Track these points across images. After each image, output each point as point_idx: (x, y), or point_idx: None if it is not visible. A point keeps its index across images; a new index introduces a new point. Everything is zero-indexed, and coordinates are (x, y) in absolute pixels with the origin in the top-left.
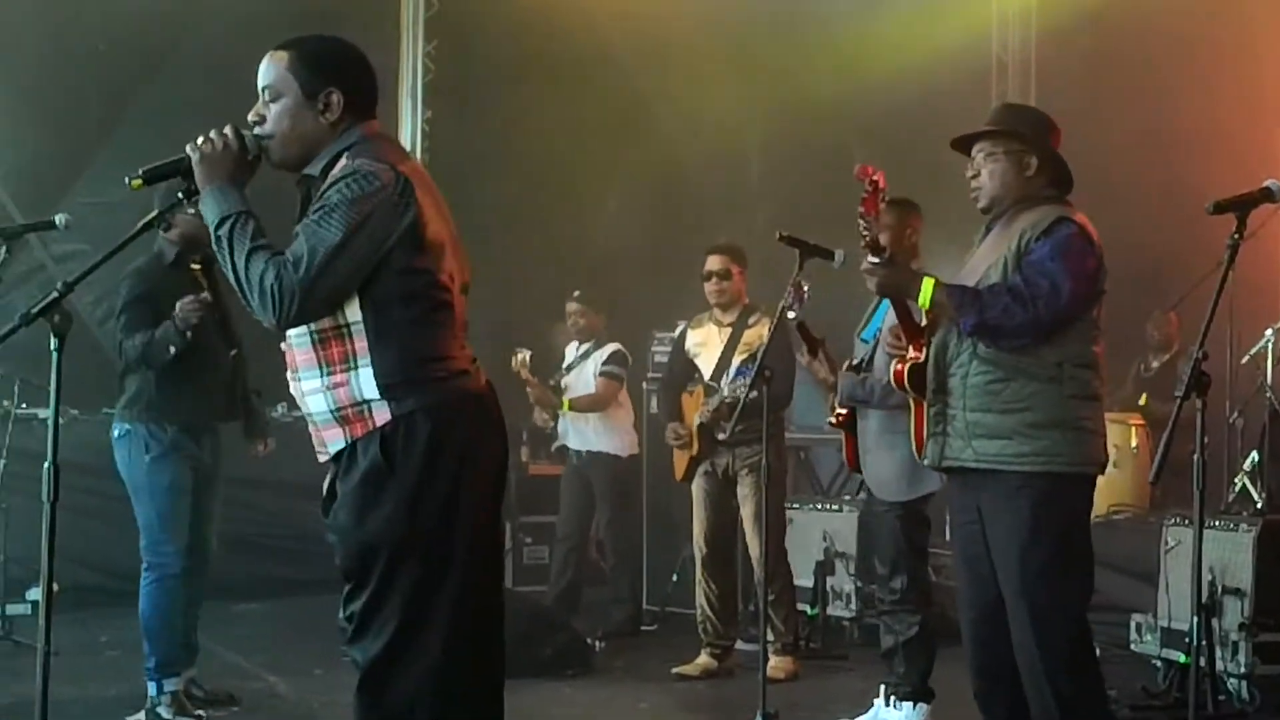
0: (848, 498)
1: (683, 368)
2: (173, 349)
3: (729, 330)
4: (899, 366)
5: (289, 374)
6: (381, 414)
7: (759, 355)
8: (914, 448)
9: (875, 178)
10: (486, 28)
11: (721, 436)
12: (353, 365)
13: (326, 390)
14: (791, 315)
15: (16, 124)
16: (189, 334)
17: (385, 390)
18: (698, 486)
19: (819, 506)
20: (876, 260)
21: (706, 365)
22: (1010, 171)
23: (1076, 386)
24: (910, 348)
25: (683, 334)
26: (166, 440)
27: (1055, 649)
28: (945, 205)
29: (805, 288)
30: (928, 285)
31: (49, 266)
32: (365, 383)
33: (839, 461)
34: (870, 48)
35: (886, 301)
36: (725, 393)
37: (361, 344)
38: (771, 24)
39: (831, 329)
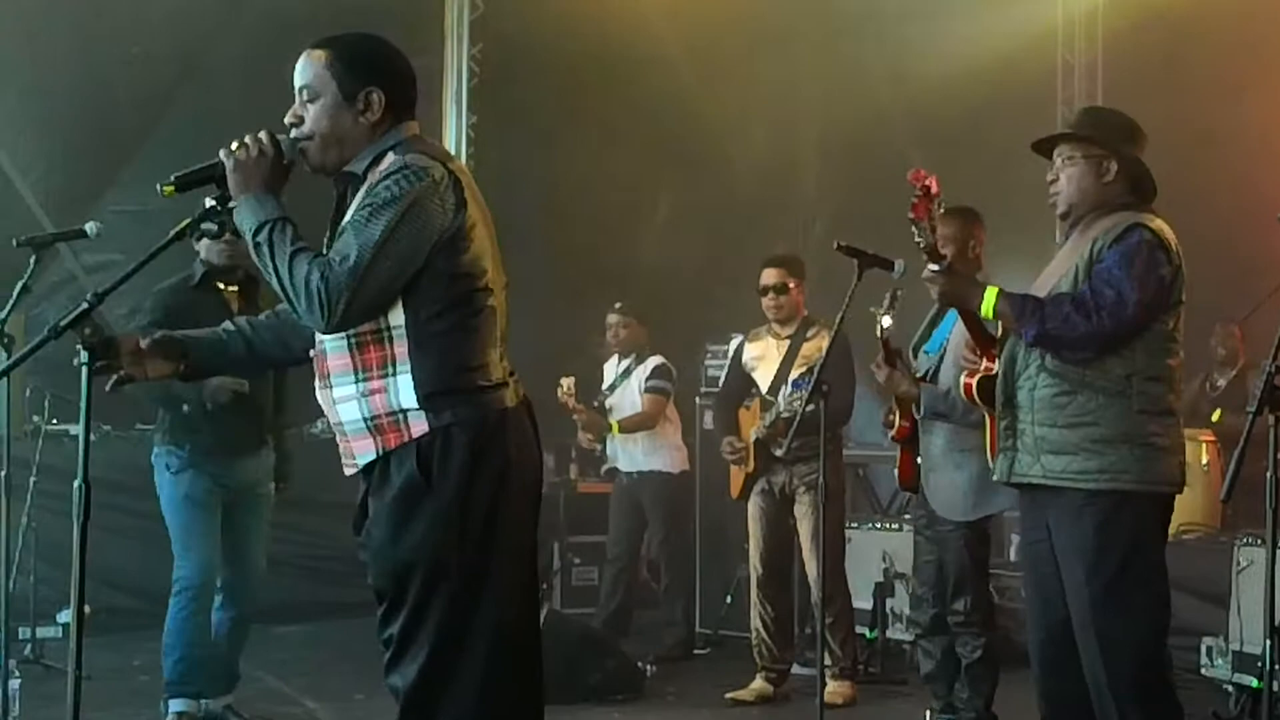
0: (908, 517)
1: (739, 381)
2: (186, 407)
3: (787, 343)
4: (968, 379)
5: (318, 381)
6: (418, 425)
7: (815, 369)
8: (989, 461)
9: (927, 182)
10: (534, 30)
11: (778, 453)
12: (391, 371)
13: (361, 397)
14: (888, 323)
15: (46, 130)
16: (208, 405)
17: (424, 400)
18: (753, 505)
19: (878, 526)
20: (937, 268)
21: (764, 379)
22: (1088, 176)
23: (1146, 401)
24: (982, 359)
25: (740, 346)
26: (185, 457)
27: (1124, 676)
28: (1009, 214)
29: (899, 295)
30: (990, 294)
31: (80, 277)
32: (404, 391)
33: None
34: (930, 50)
35: (953, 313)
36: (782, 406)
37: (402, 349)
38: (827, 25)
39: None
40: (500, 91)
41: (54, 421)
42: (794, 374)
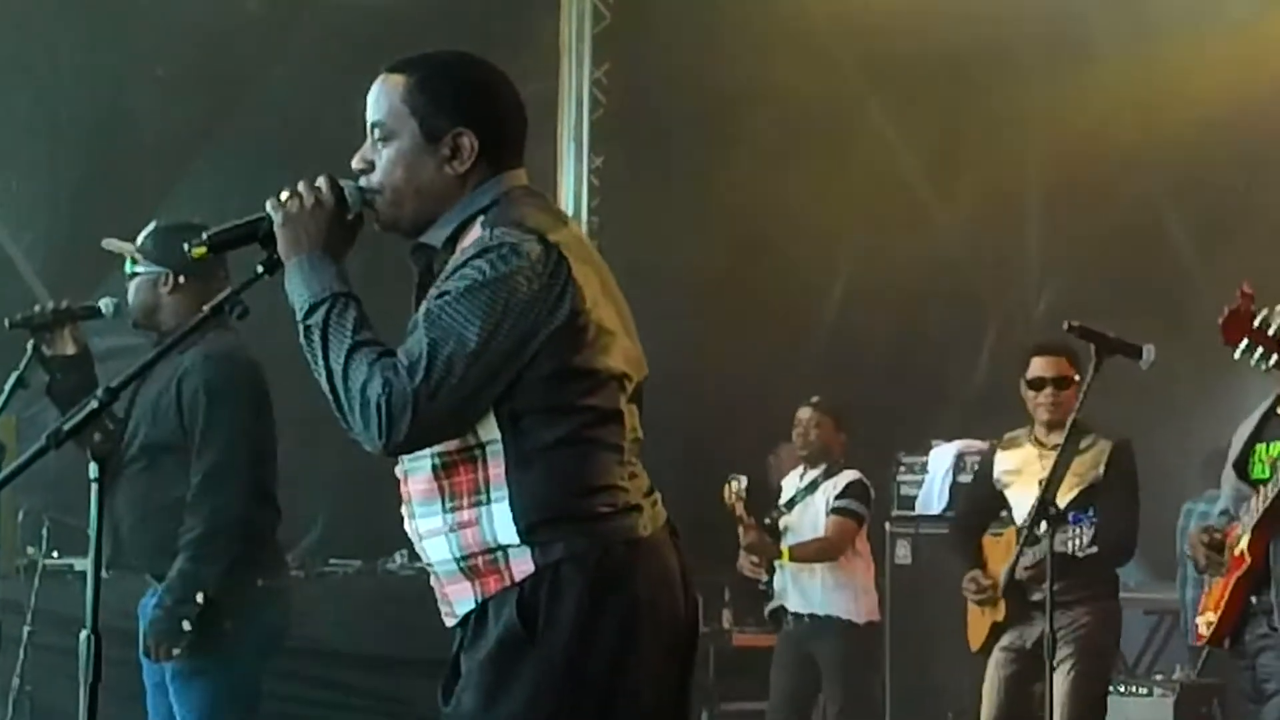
0: (1159, 677)
1: (987, 501)
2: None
3: (1053, 455)
4: None
5: (403, 509)
6: (521, 564)
7: (1096, 486)
8: None
9: (1245, 289)
10: (674, 47)
11: (1039, 598)
12: (485, 499)
13: (450, 532)
14: None
15: (48, 180)
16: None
17: (526, 532)
18: (994, 662)
19: (1122, 690)
20: None
21: (1021, 501)
22: None
23: None
24: None
25: (989, 456)
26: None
27: None
28: None
29: None
30: None
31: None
32: (500, 522)
33: (1147, 628)
34: (1182, 79)
35: None
36: (1064, 546)
37: (497, 470)
38: (1053, 42)
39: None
40: (631, 124)
41: (55, 555)
42: (1064, 497)
